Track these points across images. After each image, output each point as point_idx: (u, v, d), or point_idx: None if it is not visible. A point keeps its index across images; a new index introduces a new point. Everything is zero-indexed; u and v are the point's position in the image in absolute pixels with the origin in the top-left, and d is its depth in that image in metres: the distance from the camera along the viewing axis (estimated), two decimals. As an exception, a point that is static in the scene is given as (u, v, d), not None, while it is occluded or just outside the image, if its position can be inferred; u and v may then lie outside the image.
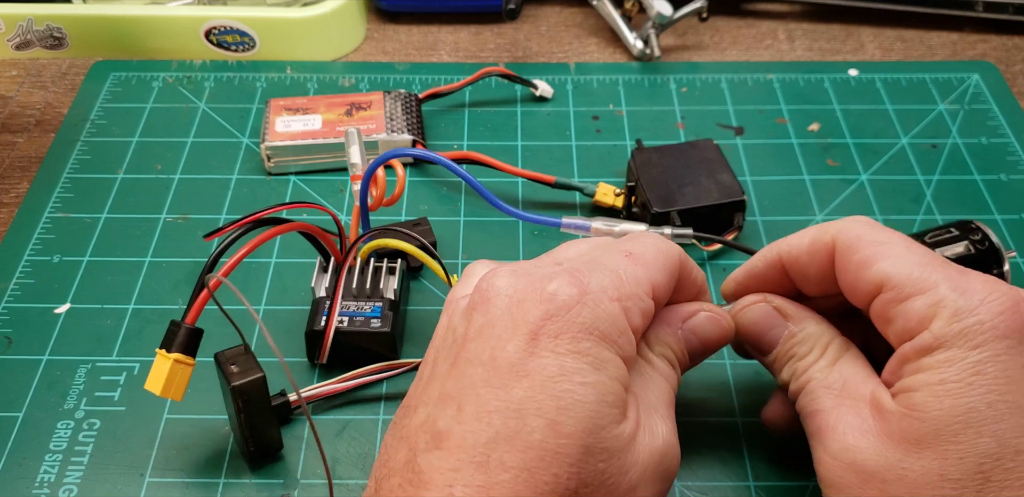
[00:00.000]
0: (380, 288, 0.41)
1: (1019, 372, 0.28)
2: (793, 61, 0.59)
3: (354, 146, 0.43)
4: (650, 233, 0.34)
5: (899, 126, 0.54)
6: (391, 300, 0.40)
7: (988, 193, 0.50)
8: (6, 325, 0.43)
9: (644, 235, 0.33)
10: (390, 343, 0.40)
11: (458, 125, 0.54)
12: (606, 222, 0.44)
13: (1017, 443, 0.27)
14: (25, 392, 0.40)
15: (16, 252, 0.46)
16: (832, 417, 0.30)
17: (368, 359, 0.40)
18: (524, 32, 0.61)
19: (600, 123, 0.54)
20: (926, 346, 0.29)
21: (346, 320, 0.39)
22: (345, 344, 0.40)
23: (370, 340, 0.40)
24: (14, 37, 0.58)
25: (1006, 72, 0.58)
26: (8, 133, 0.53)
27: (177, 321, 0.35)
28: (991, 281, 0.30)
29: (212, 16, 0.56)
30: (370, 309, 0.40)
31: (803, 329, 0.33)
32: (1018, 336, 0.28)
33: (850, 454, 0.29)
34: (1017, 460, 0.27)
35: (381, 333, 0.39)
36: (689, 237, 0.43)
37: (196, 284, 0.35)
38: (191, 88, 0.56)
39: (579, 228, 0.44)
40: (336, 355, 0.40)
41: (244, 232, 0.36)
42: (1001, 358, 0.28)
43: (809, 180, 0.50)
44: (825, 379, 0.32)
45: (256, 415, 0.35)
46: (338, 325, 0.39)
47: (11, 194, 0.50)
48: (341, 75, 0.57)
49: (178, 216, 0.48)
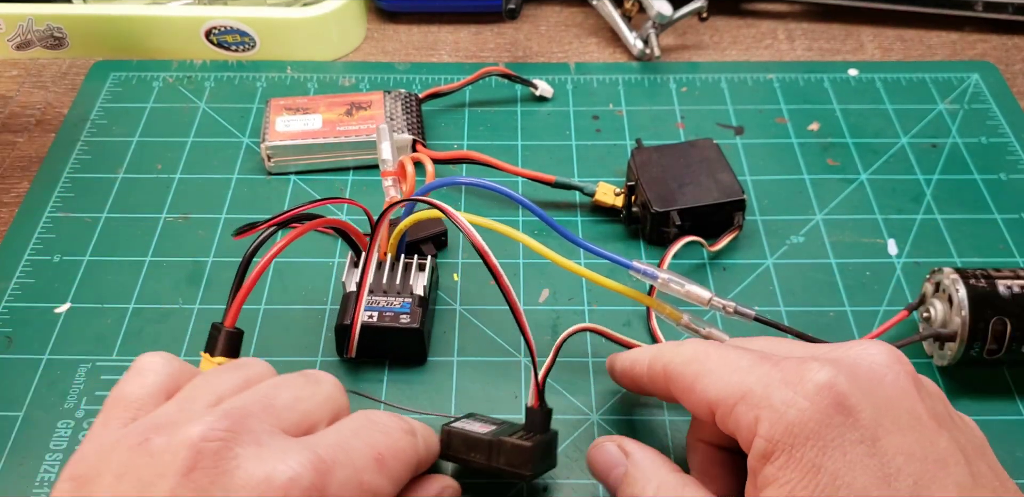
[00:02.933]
0: (410, 284, 0.41)
1: (856, 451, 0.27)
2: (793, 61, 0.59)
3: (385, 142, 0.43)
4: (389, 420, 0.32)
5: (899, 126, 0.54)
6: (420, 296, 0.40)
7: (988, 193, 0.50)
8: (6, 324, 0.43)
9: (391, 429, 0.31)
10: (418, 339, 0.40)
11: (458, 125, 0.54)
12: (675, 279, 0.39)
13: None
14: (25, 391, 0.40)
15: (16, 252, 0.46)
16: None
17: (396, 354, 0.40)
18: (524, 32, 0.61)
19: (600, 123, 0.54)
20: (763, 453, 0.28)
21: (375, 315, 0.39)
22: (373, 339, 0.40)
23: (398, 336, 0.40)
24: (14, 37, 0.58)
25: (1006, 72, 0.58)
26: (8, 133, 0.53)
27: (217, 324, 0.35)
28: (804, 362, 0.28)
29: (212, 16, 0.56)
30: (400, 305, 0.40)
31: (639, 468, 0.32)
32: (842, 411, 0.27)
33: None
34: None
35: (410, 329, 0.39)
36: (750, 317, 0.39)
37: (233, 285, 0.35)
38: (191, 88, 0.56)
39: (647, 276, 0.39)
40: (364, 350, 0.40)
41: (276, 231, 0.36)
42: (834, 442, 0.27)
43: (809, 180, 0.50)
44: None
45: None
46: (367, 320, 0.39)
47: (11, 194, 0.50)
48: (341, 75, 0.57)
49: (178, 216, 0.48)
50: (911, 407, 0.28)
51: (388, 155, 0.43)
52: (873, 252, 0.46)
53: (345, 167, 0.51)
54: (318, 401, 0.31)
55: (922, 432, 0.28)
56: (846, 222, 0.48)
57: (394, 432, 0.31)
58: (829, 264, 0.46)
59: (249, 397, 0.30)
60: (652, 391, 0.34)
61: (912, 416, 0.28)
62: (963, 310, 0.38)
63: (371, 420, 0.31)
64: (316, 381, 0.32)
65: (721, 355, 0.31)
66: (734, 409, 0.29)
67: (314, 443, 0.28)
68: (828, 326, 0.43)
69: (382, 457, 0.30)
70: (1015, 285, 0.39)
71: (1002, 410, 0.40)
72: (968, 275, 0.39)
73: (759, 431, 0.28)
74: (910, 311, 0.42)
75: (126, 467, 0.26)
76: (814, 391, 0.27)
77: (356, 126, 0.50)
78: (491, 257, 0.34)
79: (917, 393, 0.29)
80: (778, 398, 0.28)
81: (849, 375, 0.28)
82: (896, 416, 0.28)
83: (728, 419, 0.29)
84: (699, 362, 0.31)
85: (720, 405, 0.29)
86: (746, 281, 0.45)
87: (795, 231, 0.47)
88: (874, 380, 0.28)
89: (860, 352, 0.30)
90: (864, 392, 0.28)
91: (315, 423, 0.30)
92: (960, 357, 0.39)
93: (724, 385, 0.29)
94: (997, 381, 0.41)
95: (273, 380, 0.31)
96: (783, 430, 0.27)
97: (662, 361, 0.32)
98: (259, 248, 0.36)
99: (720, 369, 0.30)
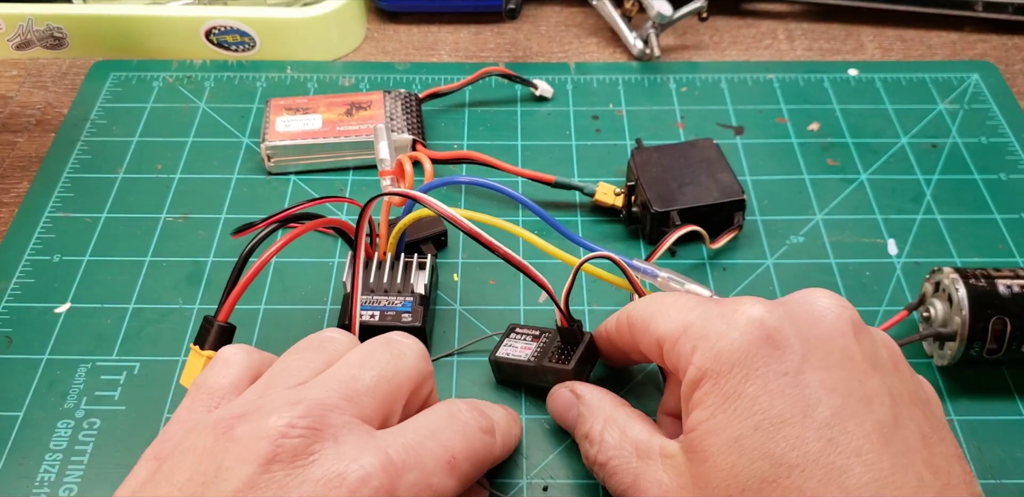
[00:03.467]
0: (411, 282, 0.41)
1: (779, 382, 0.28)
2: (793, 61, 0.59)
3: (383, 142, 0.43)
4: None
5: (899, 126, 0.54)
6: (421, 295, 0.40)
7: (988, 192, 0.50)
8: (6, 324, 0.43)
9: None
10: (420, 338, 0.40)
11: (458, 125, 0.54)
12: (675, 277, 0.41)
13: (790, 458, 0.27)
14: (25, 392, 0.40)
15: (16, 252, 0.46)
16: (639, 490, 0.31)
17: None
18: (524, 32, 0.61)
19: (600, 123, 0.54)
20: (693, 380, 0.29)
21: (377, 314, 0.39)
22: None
23: None
24: (14, 37, 0.58)
25: (1006, 72, 0.58)
26: (8, 133, 0.53)
27: (210, 318, 0.35)
28: (744, 301, 0.30)
29: (212, 16, 0.56)
30: (401, 304, 0.40)
31: (589, 407, 0.34)
32: (770, 343, 0.28)
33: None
34: (793, 476, 0.27)
35: (412, 328, 0.39)
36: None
37: (228, 282, 0.35)
38: (191, 88, 0.56)
39: (647, 274, 0.41)
40: None
41: (274, 230, 0.36)
42: (759, 372, 0.28)
43: (809, 180, 0.50)
44: (620, 454, 0.32)
45: None
46: (368, 320, 0.39)
47: (11, 194, 0.50)
48: (341, 75, 0.57)
49: (178, 216, 0.48)
50: (844, 346, 0.29)
51: (386, 154, 0.43)
52: (873, 252, 0.46)
53: (345, 167, 0.51)
54: (400, 380, 0.31)
55: (851, 371, 0.28)
56: (846, 222, 0.48)
57: (472, 431, 0.31)
58: (829, 264, 0.46)
59: (331, 384, 0.30)
60: (625, 347, 0.35)
61: (844, 355, 0.29)
62: (963, 310, 0.38)
63: (452, 416, 0.31)
64: (399, 354, 0.32)
65: (674, 298, 0.32)
66: (677, 343, 0.30)
67: (390, 442, 0.28)
68: (828, 326, 0.43)
69: (455, 460, 0.30)
70: (1015, 285, 0.39)
71: (1002, 410, 0.40)
72: (968, 275, 0.39)
73: (693, 360, 0.29)
74: (910, 311, 0.42)
75: (208, 451, 0.27)
76: (745, 323, 0.29)
77: (356, 126, 0.50)
78: (468, 225, 0.34)
79: (854, 335, 0.29)
80: (713, 329, 0.29)
81: (785, 312, 0.30)
82: (827, 354, 0.29)
83: (672, 353, 0.31)
84: (654, 304, 0.33)
85: (666, 340, 0.31)
86: (746, 281, 0.45)
87: (795, 231, 0.48)
88: (811, 320, 0.29)
89: (804, 295, 0.31)
90: (796, 329, 0.29)
91: (395, 402, 0.31)
92: (960, 357, 0.39)
93: (670, 321, 0.31)
94: (997, 381, 0.41)
95: (356, 358, 0.31)
96: (712, 358, 0.29)
97: (626, 312, 0.34)
98: (257, 246, 0.36)
99: (670, 309, 0.32)
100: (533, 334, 0.39)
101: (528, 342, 0.39)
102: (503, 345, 0.39)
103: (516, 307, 0.44)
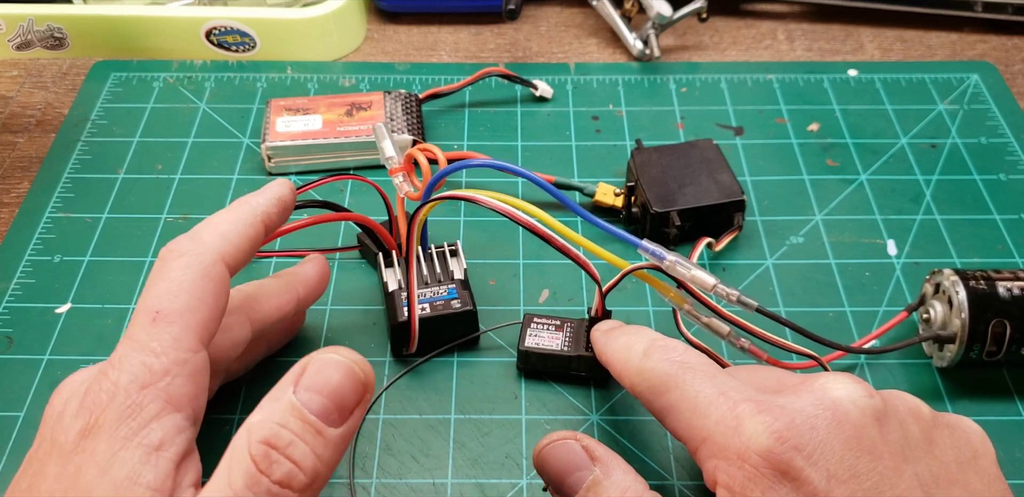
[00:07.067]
0: (450, 270, 0.42)
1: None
2: (793, 61, 0.59)
3: (386, 140, 0.43)
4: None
5: (898, 126, 0.54)
6: (461, 280, 0.41)
7: (987, 193, 0.50)
8: (7, 325, 0.43)
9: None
10: (473, 320, 0.41)
11: (458, 125, 0.54)
12: (681, 261, 0.38)
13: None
14: (26, 392, 0.40)
15: (17, 252, 0.46)
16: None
17: (450, 340, 0.41)
18: (524, 32, 0.62)
19: (600, 123, 0.54)
20: (723, 494, 0.28)
21: (427, 306, 0.40)
22: (432, 329, 0.40)
23: (455, 321, 0.41)
24: (15, 37, 0.58)
25: (1005, 72, 0.58)
26: (9, 133, 0.53)
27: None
28: (758, 413, 0.28)
29: (212, 16, 0.56)
30: (445, 292, 0.41)
31: (610, 477, 0.31)
32: (787, 477, 0.27)
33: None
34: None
35: (465, 312, 0.40)
36: (752, 308, 0.38)
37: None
38: (192, 88, 0.56)
39: (654, 256, 0.38)
40: (424, 341, 0.41)
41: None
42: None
43: (809, 180, 0.50)
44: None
45: None
46: (422, 313, 0.40)
47: (12, 194, 0.50)
48: (341, 75, 0.57)
49: (179, 216, 0.48)
50: (871, 447, 0.28)
51: (392, 152, 0.43)
52: (873, 252, 0.47)
53: (345, 167, 0.51)
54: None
55: (881, 476, 0.27)
56: (846, 222, 0.48)
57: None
58: (829, 264, 0.46)
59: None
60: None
61: (872, 457, 0.28)
62: (963, 312, 0.38)
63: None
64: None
65: (683, 393, 0.30)
66: (698, 451, 0.30)
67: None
68: (828, 327, 0.43)
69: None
70: (1015, 287, 0.39)
71: (1001, 411, 0.40)
72: (968, 276, 0.39)
73: (719, 480, 0.29)
74: (910, 312, 0.42)
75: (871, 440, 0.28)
76: (756, 451, 0.28)
77: (356, 126, 0.50)
78: (526, 220, 0.35)
79: (879, 429, 0.28)
80: (733, 451, 0.28)
81: (802, 427, 0.28)
82: (853, 463, 0.27)
83: (695, 456, 0.30)
84: (666, 395, 0.31)
85: (687, 443, 0.30)
86: (746, 281, 0.45)
87: (795, 231, 0.48)
88: (833, 422, 0.28)
89: (823, 387, 0.29)
90: (815, 446, 0.27)
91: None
92: (959, 359, 0.39)
93: (688, 427, 0.30)
94: (996, 383, 0.41)
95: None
96: (739, 485, 0.28)
97: (633, 379, 0.32)
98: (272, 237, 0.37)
99: (684, 407, 0.30)
100: (555, 324, 0.40)
101: (553, 332, 0.40)
102: (528, 335, 0.40)
103: (516, 307, 0.44)
